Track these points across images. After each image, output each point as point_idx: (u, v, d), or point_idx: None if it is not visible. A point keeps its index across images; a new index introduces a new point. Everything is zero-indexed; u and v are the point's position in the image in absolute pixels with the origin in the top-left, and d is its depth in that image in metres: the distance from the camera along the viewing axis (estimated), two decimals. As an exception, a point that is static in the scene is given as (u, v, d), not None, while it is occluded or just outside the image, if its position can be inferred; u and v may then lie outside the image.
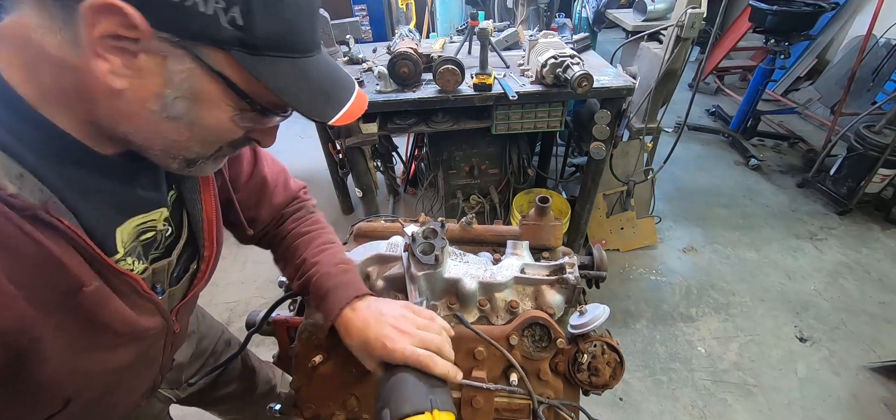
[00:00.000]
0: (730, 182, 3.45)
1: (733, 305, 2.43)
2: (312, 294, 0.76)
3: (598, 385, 0.77)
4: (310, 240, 0.84)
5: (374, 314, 0.69)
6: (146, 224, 0.60)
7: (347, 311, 0.70)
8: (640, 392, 2.02)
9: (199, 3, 0.40)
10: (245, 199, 0.82)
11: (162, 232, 0.64)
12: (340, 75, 0.56)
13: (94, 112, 0.46)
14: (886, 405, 1.93)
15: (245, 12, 0.42)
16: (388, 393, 0.60)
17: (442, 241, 0.81)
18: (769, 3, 3.17)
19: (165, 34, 0.42)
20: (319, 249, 0.82)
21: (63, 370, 0.53)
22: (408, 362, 0.63)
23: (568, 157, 3.07)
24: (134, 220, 0.58)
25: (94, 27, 0.39)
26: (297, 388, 0.79)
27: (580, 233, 2.56)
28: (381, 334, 0.65)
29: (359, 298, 0.72)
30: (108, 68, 0.42)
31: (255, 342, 0.95)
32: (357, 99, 0.57)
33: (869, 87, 3.63)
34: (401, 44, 2.08)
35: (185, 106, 0.47)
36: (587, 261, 0.93)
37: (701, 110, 4.55)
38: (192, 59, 0.44)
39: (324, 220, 0.92)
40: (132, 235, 0.58)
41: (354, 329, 0.68)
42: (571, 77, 1.70)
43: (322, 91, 0.52)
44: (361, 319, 0.69)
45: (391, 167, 2.99)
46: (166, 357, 0.78)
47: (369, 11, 4.49)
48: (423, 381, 0.61)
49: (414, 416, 0.56)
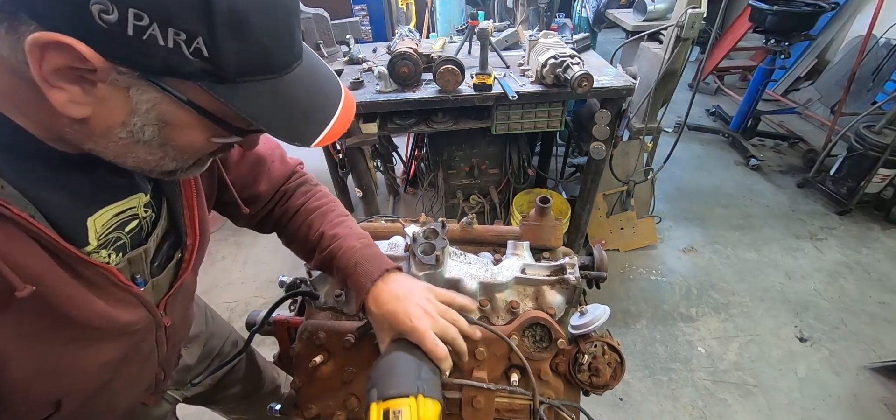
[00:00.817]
0: (730, 182, 3.45)
1: (733, 305, 2.43)
2: (337, 268, 0.76)
3: (598, 385, 0.77)
4: (324, 214, 0.83)
5: (403, 289, 0.71)
6: (126, 212, 0.57)
7: (380, 282, 0.71)
8: (640, 392, 2.02)
9: (157, 36, 0.37)
10: (241, 177, 0.80)
11: (144, 219, 0.60)
12: (325, 86, 0.53)
13: (58, 129, 0.44)
14: (886, 405, 1.93)
15: (210, 43, 0.39)
16: (379, 373, 0.62)
17: (442, 242, 0.81)
18: (769, 3, 3.17)
19: (125, 69, 0.39)
20: (336, 223, 0.82)
21: (34, 370, 0.50)
22: (424, 343, 0.65)
23: (568, 157, 3.07)
24: (109, 209, 0.55)
25: (42, 62, 0.37)
26: (298, 388, 0.79)
27: (580, 233, 2.56)
28: (408, 310, 0.67)
29: (390, 271, 0.73)
30: (67, 98, 0.39)
31: (256, 342, 0.95)
32: (342, 112, 0.53)
33: (869, 87, 3.63)
34: (401, 44, 2.08)
35: (155, 131, 0.44)
36: (588, 261, 0.93)
37: (701, 110, 4.55)
38: (157, 89, 0.41)
39: (328, 192, 0.91)
40: (109, 226, 0.55)
41: (383, 300, 0.70)
42: (571, 77, 1.70)
43: (302, 110, 0.49)
44: (390, 292, 0.70)
45: (391, 167, 2.99)
46: (164, 353, 0.75)
47: (369, 11, 4.49)
48: (415, 366, 0.63)
49: (399, 398, 0.57)
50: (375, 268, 0.73)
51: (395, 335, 0.68)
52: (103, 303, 0.54)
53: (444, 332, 0.68)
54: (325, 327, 0.78)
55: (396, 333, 0.68)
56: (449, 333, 0.68)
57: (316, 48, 2.32)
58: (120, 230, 0.57)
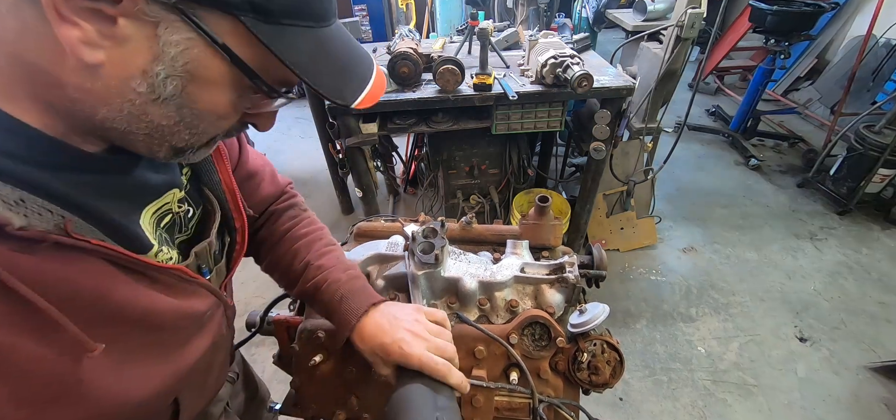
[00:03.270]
0: (730, 182, 3.45)
1: (733, 305, 2.43)
2: (321, 301, 0.73)
3: (598, 384, 0.77)
4: (310, 242, 0.80)
5: (388, 318, 0.67)
6: (161, 209, 0.55)
7: (364, 318, 0.68)
8: (640, 392, 2.01)
9: None
10: None
11: (179, 213, 0.59)
12: (359, 49, 0.50)
13: (64, 97, 0.37)
14: (886, 405, 1.93)
15: None
16: (394, 410, 0.59)
17: (442, 241, 0.81)
18: (769, 3, 3.17)
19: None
20: (323, 253, 0.78)
21: (138, 384, 0.50)
22: (423, 369, 0.61)
23: (568, 157, 3.07)
24: (149, 208, 0.52)
25: None
26: (298, 387, 0.79)
27: (580, 233, 2.56)
28: (396, 338, 0.63)
29: (375, 305, 0.70)
30: (80, 36, 0.33)
31: (256, 342, 0.95)
32: (377, 78, 0.51)
33: (869, 87, 3.63)
34: (401, 44, 2.08)
35: (178, 85, 0.38)
36: (587, 260, 0.93)
37: (701, 110, 4.55)
38: (190, 27, 0.35)
39: (317, 219, 0.88)
40: (153, 224, 0.53)
41: (368, 335, 0.66)
42: (571, 77, 1.70)
43: (340, 68, 0.45)
44: (375, 324, 0.67)
45: (391, 167, 2.99)
46: (232, 334, 0.77)
47: (369, 11, 4.50)
48: (432, 396, 0.60)
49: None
50: (360, 303, 0.69)
51: (392, 366, 0.65)
52: (180, 302, 0.54)
53: (442, 351, 0.64)
54: (325, 326, 0.78)
55: (393, 364, 0.65)
56: (448, 351, 0.65)
57: (316, 48, 2.32)
58: (159, 228, 0.56)
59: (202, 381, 0.66)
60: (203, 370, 0.65)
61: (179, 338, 0.56)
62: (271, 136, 4.27)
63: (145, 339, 0.50)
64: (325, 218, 3.18)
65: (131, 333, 0.48)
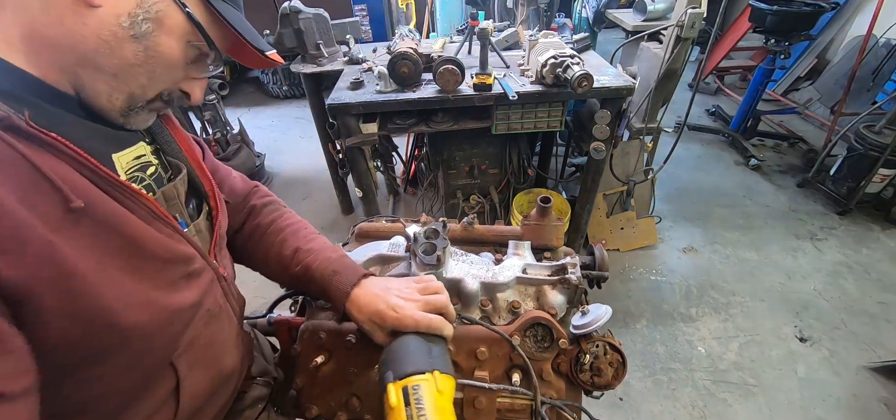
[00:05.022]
0: (730, 182, 3.45)
1: (733, 305, 2.43)
2: (313, 280, 0.77)
3: (600, 385, 0.77)
4: (296, 230, 0.84)
5: (381, 287, 0.73)
6: (142, 158, 0.61)
7: (357, 288, 0.73)
8: (640, 392, 2.02)
9: None
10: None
11: (157, 166, 0.64)
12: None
13: (59, 31, 0.47)
14: (886, 405, 1.93)
15: None
16: (391, 356, 0.63)
17: (444, 242, 0.81)
18: (769, 3, 3.17)
19: None
20: (310, 238, 0.83)
21: (124, 300, 0.50)
22: (418, 327, 0.66)
23: (568, 157, 3.07)
24: (128, 151, 0.59)
25: None
26: (299, 388, 0.79)
27: (580, 233, 2.56)
28: (390, 304, 0.69)
29: (366, 277, 0.75)
30: None
31: (257, 342, 0.95)
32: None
33: (869, 87, 3.63)
34: (401, 44, 2.08)
35: (150, 27, 0.51)
36: (589, 261, 0.93)
37: (701, 110, 4.55)
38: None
39: (296, 213, 0.92)
40: (132, 165, 0.59)
41: (363, 303, 0.71)
42: (571, 77, 1.70)
43: (253, 35, 0.61)
44: (369, 293, 0.72)
45: (391, 167, 2.99)
46: (237, 310, 0.77)
47: (369, 11, 4.50)
48: (426, 346, 0.64)
49: (416, 375, 0.58)
50: (354, 274, 0.74)
51: (388, 331, 0.69)
52: (154, 230, 0.55)
53: (433, 304, 0.70)
54: (327, 327, 0.78)
55: (389, 329, 0.69)
56: (439, 302, 0.70)
57: (316, 48, 2.32)
58: (142, 172, 0.60)
59: (203, 357, 0.64)
60: (204, 344, 0.64)
61: (164, 276, 0.56)
62: (271, 136, 4.29)
63: (124, 254, 0.50)
64: (325, 218, 3.18)
65: (108, 239, 0.49)
